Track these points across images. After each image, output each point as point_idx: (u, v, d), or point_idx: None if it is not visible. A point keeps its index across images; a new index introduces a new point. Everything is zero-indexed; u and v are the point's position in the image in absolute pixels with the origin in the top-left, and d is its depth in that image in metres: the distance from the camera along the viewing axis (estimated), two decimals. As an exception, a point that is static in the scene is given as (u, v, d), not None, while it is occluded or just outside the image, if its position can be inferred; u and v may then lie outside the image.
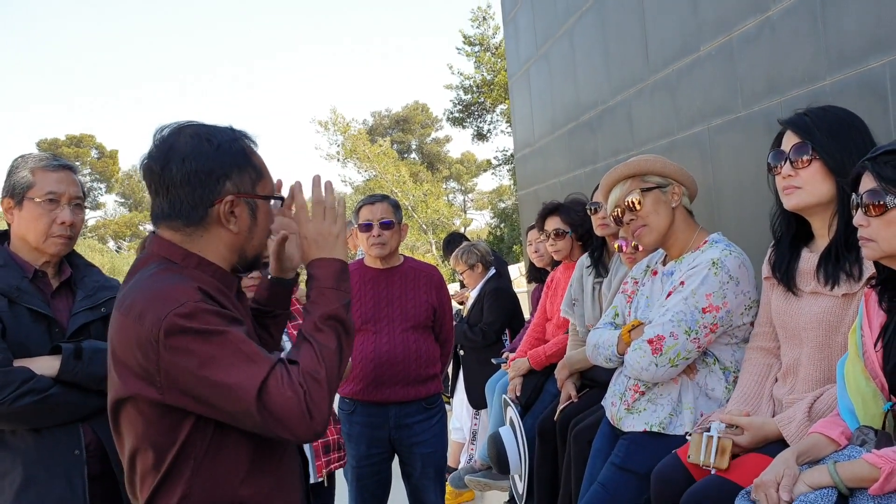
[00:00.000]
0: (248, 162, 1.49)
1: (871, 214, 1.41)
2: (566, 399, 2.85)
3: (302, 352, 1.40)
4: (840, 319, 1.71)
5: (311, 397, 1.34)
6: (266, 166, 1.54)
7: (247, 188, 1.47)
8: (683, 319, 2.03)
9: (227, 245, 1.49)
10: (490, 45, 22.62)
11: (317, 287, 1.48)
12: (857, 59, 2.23)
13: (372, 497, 2.99)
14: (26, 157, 2.07)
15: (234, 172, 1.46)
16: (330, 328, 1.43)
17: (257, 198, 1.49)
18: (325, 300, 1.46)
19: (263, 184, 1.51)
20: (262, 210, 1.52)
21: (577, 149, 4.79)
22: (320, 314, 1.44)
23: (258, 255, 1.55)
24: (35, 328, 1.94)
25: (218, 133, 1.47)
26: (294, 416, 1.33)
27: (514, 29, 6.14)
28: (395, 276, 3.01)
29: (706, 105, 3.13)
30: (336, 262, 1.51)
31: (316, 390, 1.35)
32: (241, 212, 1.47)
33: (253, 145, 1.53)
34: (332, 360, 1.40)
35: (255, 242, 1.53)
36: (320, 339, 1.41)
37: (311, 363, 1.38)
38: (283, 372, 1.35)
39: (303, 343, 1.42)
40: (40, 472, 1.90)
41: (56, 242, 2.02)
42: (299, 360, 1.38)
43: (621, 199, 2.20)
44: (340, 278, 1.50)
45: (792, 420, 1.72)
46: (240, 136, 1.51)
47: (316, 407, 1.34)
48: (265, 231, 1.54)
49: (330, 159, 27.79)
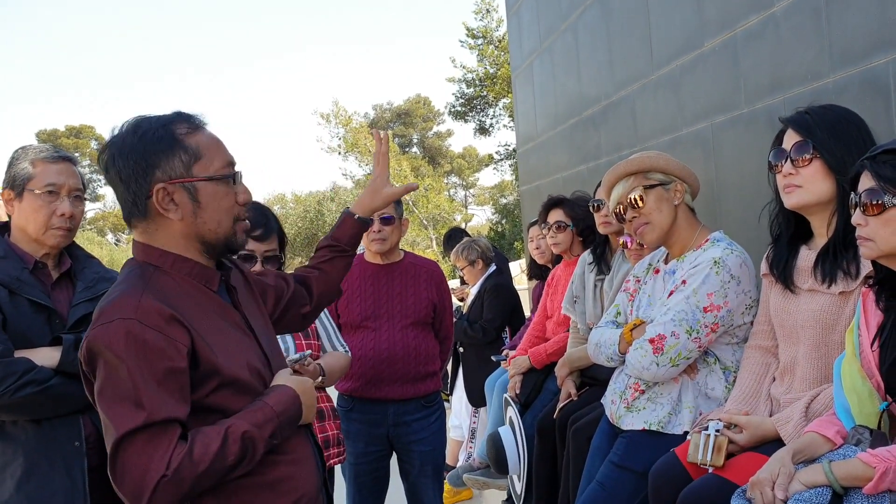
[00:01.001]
0: (176, 145, 1.43)
1: (869, 213, 1.41)
2: (566, 397, 2.85)
3: (209, 437, 1.35)
4: (836, 317, 1.71)
5: (161, 488, 1.29)
6: (210, 145, 1.47)
7: (178, 172, 1.43)
8: (685, 319, 2.03)
9: (180, 234, 1.46)
10: (493, 38, 22.55)
11: (271, 403, 1.44)
12: (861, 57, 2.23)
13: (370, 494, 2.99)
14: (27, 148, 2.07)
15: (162, 159, 1.42)
16: (247, 444, 1.38)
17: (194, 180, 1.43)
18: (266, 418, 1.42)
19: (202, 164, 1.44)
20: (205, 191, 1.45)
21: (580, 144, 4.78)
22: (254, 422, 1.40)
23: (228, 238, 1.49)
24: (35, 319, 1.95)
25: (146, 122, 1.45)
26: (128, 488, 1.31)
27: (518, 22, 6.12)
28: (395, 271, 3.00)
29: (709, 101, 3.13)
30: (294, 398, 1.48)
31: (173, 484, 1.30)
32: (180, 198, 1.43)
33: (187, 127, 1.45)
34: (216, 469, 1.35)
35: (211, 226, 1.46)
36: (230, 444, 1.36)
37: (200, 454, 1.33)
38: (161, 437, 1.30)
39: (226, 431, 1.36)
40: (41, 462, 1.91)
41: (56, 234, 2.03)
42: (197, 441, 1.34)
43: (624, 196, 2.20)
44: (291, 415, 1.47)
45: (789, 420, 1.73)
46: (172, 119, 1.46)
47: (157, 500, 1.30)
48: (221, 212, 1.46)
49: (331, 152, 27.77)
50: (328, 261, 1.90)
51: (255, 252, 2.34)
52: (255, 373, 1.48)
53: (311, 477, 1.54)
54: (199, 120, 1.50)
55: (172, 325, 1.36)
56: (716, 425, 1.81)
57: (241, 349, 1.48)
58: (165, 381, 1.33)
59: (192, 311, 1.42)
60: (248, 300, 1.63)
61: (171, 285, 1.44)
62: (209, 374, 1.39)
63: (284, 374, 1.54)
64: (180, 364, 1.35)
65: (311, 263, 1.93)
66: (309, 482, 1.53)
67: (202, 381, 1.39)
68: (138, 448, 1.30)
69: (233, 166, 1.50)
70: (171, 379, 1.34)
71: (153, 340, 1.33)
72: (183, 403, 1.35)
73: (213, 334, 1.43)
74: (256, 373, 1.48)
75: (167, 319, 1.35)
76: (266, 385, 1.50)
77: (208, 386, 1.40)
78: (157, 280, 1.43)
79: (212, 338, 1.42)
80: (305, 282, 1.87)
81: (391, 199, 1.97)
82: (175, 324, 1.36)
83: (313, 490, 1.54)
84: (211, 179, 1.45)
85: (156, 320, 1.34)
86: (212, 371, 1.39)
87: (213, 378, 1.40)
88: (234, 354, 1.45)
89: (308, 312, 1.86)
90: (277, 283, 1.81)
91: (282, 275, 1.87)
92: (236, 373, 1.43)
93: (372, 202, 1.95)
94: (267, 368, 1.53)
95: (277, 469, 1.47)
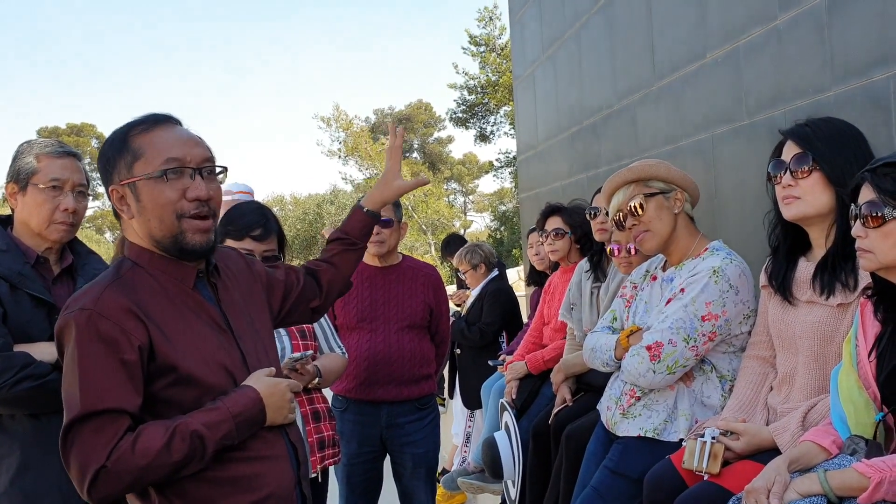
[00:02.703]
0: (124, 147, 1.47)
1: (869, 226, 1.42)
2: (561, 402, 2.85)
3: (155, 432, 1.36)
4: (835, 329, 1.72)
5: (101, 477, 1.32)
6: (153, 143, 1.46)
7: (124, 173, 1.47)
8: (682, 327, 2.03)
9: (140, 233, 1.50)
10: (496, 45, 22.63)
11: (228, 404, 1.44)
12: (862, 71, 2.24)
13: (362, 495, 2.99)
14: (32, 142, 2.08)
15: (118, 161, 1.47)
16: (196, 442, 1.39)
17: (134, 180, 1.45)
18: (220, 418, 1.42)
19: (141, 163, 1.45)
20: (145, 190, 1.45)
21: (581, 153, 4.80)
22: (206, 422, 1.40)
23: (175, 237, 1.47)
24: (36, 314, 1.95)
25: (119, 128, 1.51)
26: (73, 475, 1.35)
27: (521, 30, 6.15)
28: (392, 274, 3.01)
29: (711, 113, 3.14)
30: (256, 400, 1.47)
31: (113, 475, 1.33)
32: (129, 198, 1.47)
33: (142, 128, 1.47)
34: (160, 464, 1.36)
35: (154, 224, 1.46)
36: (176, 441, 1.37)
37: (143, 449, 1.34)
38: (108, 427, 1.34)
39: (174, 428, 1.38)
40: (37, 457, 1.91)
41: (58, 229, 2.03)
42: (142, 435, 1.36)
43: (624, 204, 2.21)
44: (249, 416, 1.46)
45: (786, 429, 1.73)
46: (138, 121, 1.50)
47: (97, 489, 1.33)
48: (160, 209, 1.46)
49: (331, 156, 27.82)
50: (338, 254, 1.91)
51: (253, 252, 2.34)
52: (221, 371, 1.48)
53: (283, 476, 1.54)
54: (162, 119, 1.51)
55: (129, 318, 1.39)
56: (712, 432, 1.81)
57: (210, 347, 1.49)
58: (116, 372, 1.36)
59: (160, 306, 1.45)
60: (239, 297, 1.62)
61: (145, 281, 1.47)
62: (165, 368, 1.42)
63: (259, 374, 1.53)
64: (131, 357, 1.37)
65: (321, 257, 1.94)
66: (279, 481, 1.52)
67: (158, 374, 1.42)
68: (84, 436, 1.34)
69: (177, 161, 1.46)
70: (122, 370, 1.37)
71: (107, 331, 1.36)
72: (134, 395, 1.38)
73: (179, 330, 1.45)
74: (224, 371, 1.49)
75: (125, 313, 1.39)
76: (236, 384, 1.50)
77: (164, 380, 1.42)
78: (131, 275, 1.47)
79: (175, 334, 1.44)
80: (315, 275, 1.88)
81: (402, 192, 1.98)
82: (132, 317, 1.39)
83: (284, 489, 1.53)
84: (149, 178, 1.46)
85: (113, 312, 1.38)
86: (169, 366, 1.42)
87: (170, 373, 1.42)
88: (199, 351, 1.46)
89: (318, 306, 1.88)
90: (288, 277, 1.82)
91: (293, 268, 1.87)
92: (195, 370, 1.44)
93: (382, 195, 1.96)
94: (242, 367, 1.53)
95: (238, 467, 1.47)
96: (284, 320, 1.84)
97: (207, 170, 1.51)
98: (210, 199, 1.50)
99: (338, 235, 1.93)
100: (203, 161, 1.50)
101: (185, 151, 1.48)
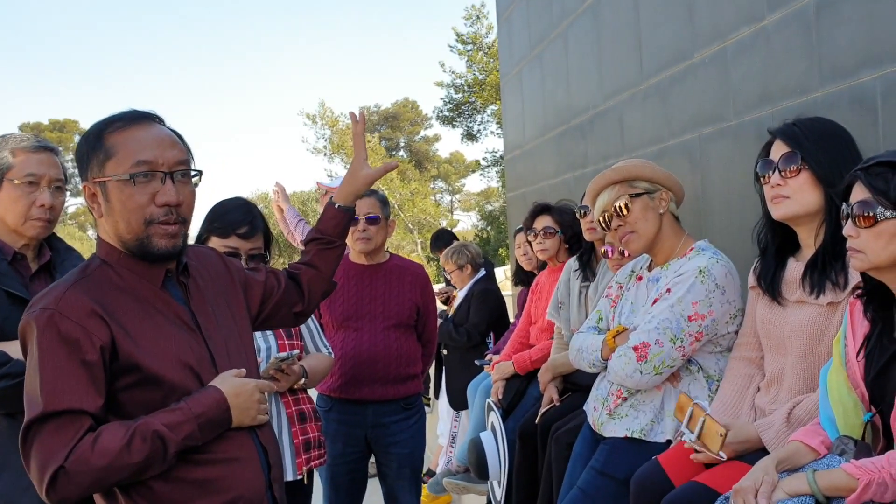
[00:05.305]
0: (97, 144, 1.45)
1: (860, 225, 1.41)
2: (548, 402, 2.84)
3: (115, 433, 1.35)
4: (824, 328, 1.72)
5: (59, 478, 1.31)
6: (126, 143, 1.44)
7: (95, 171, 1.45)
8: (669, 327, 2.03)
9: (109, 232, 1.48)
10: (483, 44, 22.63)
11: (191, 405, 1.42)
12: (849, 72, 2.25)
13: (347, 496, 2.96)
14: (7, 137, 2.03)
15: (92, 158, 1.46)
16: (157, 443, 1.37)
17: (105, 179, 1.43)
18: (182, 419, 1.40)
19: (113, 163, 1.43)
20: (114, 190, 1.43)
21: (567, 152, 4.79)
22: (168, 423, 1.38)
23: (140, 241, 1.45)
24: (13, 311, 1.90)
25: (98, 121, 1.49)
26: (32, 475, 1.34)
27: (508, 29, 6.14)
28: (379, 272, 2.98)
29: (698, 113, 3.14)
30: (220, 401, 1.44)
31: (72, 476, 1.31)
32: (99, 196, 1.46)
33: (117, 126, 1.45)
34: (121, 465, 1.34)
35: (122, 226, 1.45)
36: (136, 442, 1.35)
37: (102, 449, 1.33)
38: (67, 427, 1.33)
39: (135, 429, 1.36)
40: (14, 457, 1.86)
41: (35, 225, 1.99)
42: (102, 435, 1.34)
43: (609, 205, 2.19)
44: (213, 417, 1.43)
45: (771, 426, 1.73)
46: (115, 118, 1.47)
47: (56, 490, 1.32)
48: (128, 212, 1.44)
49: (317, 153, 27.68)
50: (316, 254, 1.87)
51: (239, 250, 2.30)
52: (186, 371, 1.47)
53: (253, 479, 1.52)
54: (141, 117, 1.48)
55: (92, 318, 1.38)
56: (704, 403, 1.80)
57: (176, 346, 1.47)
58: (77, 373, 1.35)
59: (125, 306, 1.43)
60: (212, 298, 1.59)
61: (111, 279, 1.46)
62: (129, 367, 1.40)
63: (226, 374, 1.51)
64: (93, 357, 1.36)
65: (301, 259, 1.90)
66: (248, 484, 1.50)
67: (121, 373, 1.41)
68: (43, 436, 1.33)
69: (148, 165, 1.43)
70: (83, 371, 1.36)
71: (68, 331, 1.35)
72: (95, 396, 1.36)
73: (143, 329, 1.43)
74: (189, 370, 1.47)
75: (88, 313, 1.38)
76: (202, 384, 1.48)
77: (127, 379, 1.41)
78: (98, 274, 1.46)
79: (139, 333, 1.42)
80: (296, 278, 1.84)
81: (371, 181, 1.91)
82: (94, 317, 1.38)
83: (253, 492, 1.51)
84: (118, 179, 1.43)
85: (75, 312, 1.37)
86: (132, 365, 1.40)
87: (133, 373, 1.41)
88: (163, 350, 1.44)
89: (301, 311, 1.84)
90: (268, 280, 1.79)
91: (274, 271, 1.84)
92: (159, 370, 1.42)
93: (352, 187, 1.89)
94: (210, 367, 1.51)
95: (205, 469, 1.46)
96: (265, 323, 1.81)
97: (181, 173, 1.48)
98: (180, 205, 1.47)
99: (314, 235, 1.89)
100: (176, 164, 1.47)
101: (157, 154, 1.45)
